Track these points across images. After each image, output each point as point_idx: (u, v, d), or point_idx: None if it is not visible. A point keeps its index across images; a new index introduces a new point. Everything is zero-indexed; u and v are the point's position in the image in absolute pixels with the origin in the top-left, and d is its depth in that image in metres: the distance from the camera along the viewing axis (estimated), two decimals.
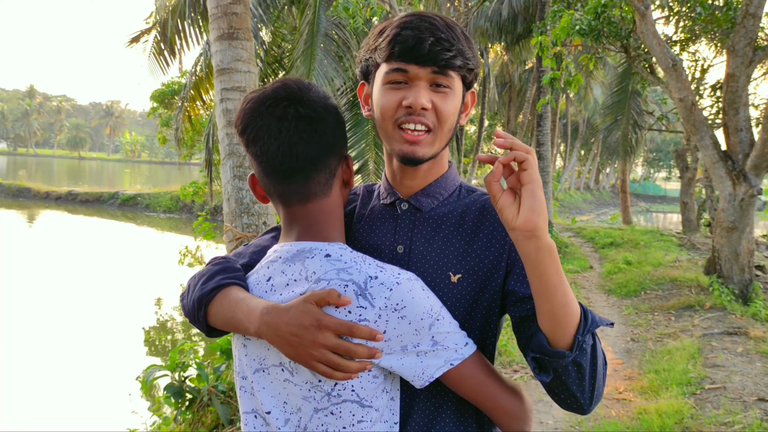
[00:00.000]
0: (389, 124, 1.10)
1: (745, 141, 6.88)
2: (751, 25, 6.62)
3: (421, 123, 1.07)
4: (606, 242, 13.50)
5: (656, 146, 44.15)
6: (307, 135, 1.07)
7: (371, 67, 1.14)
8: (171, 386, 3.77)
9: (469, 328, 1.11)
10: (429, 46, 1.04)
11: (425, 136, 1.09)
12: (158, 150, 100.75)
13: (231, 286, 1.11)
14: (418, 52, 1.04)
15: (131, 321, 9.28)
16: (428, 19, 1.07)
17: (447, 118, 1.10)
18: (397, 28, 1.07)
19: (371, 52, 1.13)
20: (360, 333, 0.97)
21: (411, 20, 1.07)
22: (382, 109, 1.10)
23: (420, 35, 1.04)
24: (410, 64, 1.06)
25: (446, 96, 1.09)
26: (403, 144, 1.09)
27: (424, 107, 1.06)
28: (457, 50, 1.07)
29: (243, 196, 3.83)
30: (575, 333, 0.98)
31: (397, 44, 1.06)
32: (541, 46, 7.77)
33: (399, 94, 1.08)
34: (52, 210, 24.99)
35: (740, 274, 7.12)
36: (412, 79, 1.07)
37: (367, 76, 1.17)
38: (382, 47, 1.08)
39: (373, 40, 1.13)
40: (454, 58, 1.06)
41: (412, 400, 1.11)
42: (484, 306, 1.13)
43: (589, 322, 1.00)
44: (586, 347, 0.99)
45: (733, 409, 4.11)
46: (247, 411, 1.13)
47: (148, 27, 11.03)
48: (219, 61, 3.89)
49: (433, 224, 1.17)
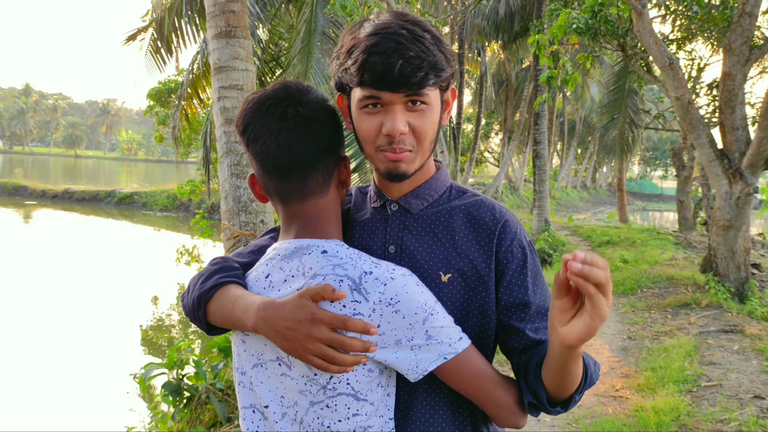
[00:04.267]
0: (371, 149, 1.11)
1: (742, 139, 6.90)
2: (747, 24, 6.63)
3: (400, 149, 1.08)
4: (603, 240, 13.52)
5: (653, 144, 44.22)
6: (306, 135, 1.10)
7: (345, 84, 1.12)
8: (169, 384, 3.78)
9: (464, 326, 1.13)
10: (399, 70, 1.01)
11: (406, 154, 1.10)
12: (155, 148, 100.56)
13: (229, 284, 1.14)
14: (388, 79, 1.02)
15: (128, 319, 9.26)
16: (394, 37, 1.03)
17: (426, 134, 1.10)
18: (364, 54, 1.03)
19: (342, 72, 1.10)
20: (354, 327, 1.00)
21: (377, 41, 1.03)
22: (362, 135, 1.11)
23: (388, 60, 1.01)
24: (382, 91, 1.04)
25: (423, 113, 1.08)
26: (387, 163, 1.10)
27: (402, 132, 1.06)
28: (429, 66, 1.04)
29: (240, 194, 3.83)
30: (573, 392, 1.07)
31: (366, 72, 1.03)
32: (538, 45, 7.79)
33: (376, 119, 1.08)
34: (48, 208, 24.93)
35: (736, 272, 7.14)
36: (387, 104, 1.06)
37: (343, 89, 1.15)
38: (353, 72, 1.06)
39: (343, 57, 1.09)
40: (425, 78, 1.04)
41: (411, 397, 1.13)
42: (477, 308, 1.15)
43: (588, 382, 1.08)
44: (577, 400, 1.09)
45: (730, 406, 4.12)
46: (246, 406, 1.15)
47: (145, 25, 11.02)
48: (216, 59, 3.89)
49: (423, 225, 1.19)
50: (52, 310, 9.39)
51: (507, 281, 1.15)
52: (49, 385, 6.56)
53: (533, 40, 7.84)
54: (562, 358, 0.99)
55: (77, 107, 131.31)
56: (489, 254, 1.15)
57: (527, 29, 14.20)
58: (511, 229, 1.18)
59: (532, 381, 1.08)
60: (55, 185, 30.87)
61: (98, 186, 31.79)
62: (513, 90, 26.37)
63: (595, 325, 0.89)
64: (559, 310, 0.95)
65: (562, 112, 34.34)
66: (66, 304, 9.76)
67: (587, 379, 1.07)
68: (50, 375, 6.82)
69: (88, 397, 6.36)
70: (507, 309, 1.14)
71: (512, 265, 1.15)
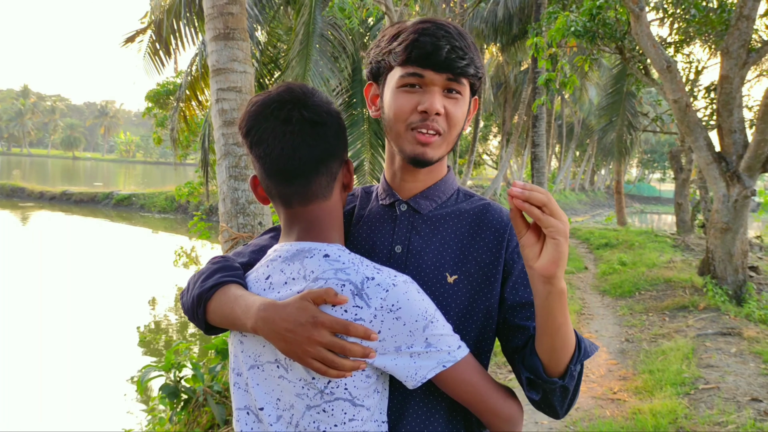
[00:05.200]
0: (402, 127, 1.13)
1: (739, 142, 6.92)
2: (745, 27, 6.65)
3: (433, 128, 1.11)
4: (601, 243, 13.54)
5: (651, 147, 44.27)
6: (310, 138, 1.09)
7: (383, 69, 1.17)
8: (166, 386, 3.77)
9: (465, 330, 1.14)
10: (446, 54, 1.08)
11: (436, 138, 1.12)
12: (153, 150, 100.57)
13: (230, 283, 1.13)
14: (435, 58, 1.08)
15: (126, 321, 9.25)
16: (443, 26, 1.10)
17: (457, 123, 1.14)
18: (414, 34, 1.10)
19: (385, 54, 1.15)
20: (355, 332, 1.00)
21: (428, 27, 1.10)
22: (396, 111, 1.13)
23: (437, 42, 1.08)
24: (426, 69, 1.09)
25: (457, 102, 1.13)
26: (415, 145, 1.12)
27: (438, 112, 1.10)
28: (470, 59, 1.11)
29: (239, 197, 3.83)
30: (569, 363, 1.06)
31: (415, 49, 1.09)
32: (536, 48, 7.80)
33: (414, 98, 1.11)
34: (46, 210, 24.91)
35: (734, 275, 7.15)
36: (427, 84, 1.10)
37: (378, 77, 1.20)
38: (398, 51, 1.11)
39: (386, 42, 1.15)
40: (467, 66, 1.10)
41: (405, 402, 1.13)
42: (481, 310, 1.16)
43: (582, 353, 1.08)
44: (575, 374, 1.07)
45: (727, 409, 4.13)
46: (240, 407, 1.15)
47: (144, 27, 11.02)
48: (215, 61, 3.89)
49: (431, 225, 1.20)
50: (50, 312, 9.37)
51: (513, 281, 1.17)
52: (46, 386, 6.55)
53: (531, 42, 7.86)
54: (549, 303, 0.99)
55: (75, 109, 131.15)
56: (497, 255, 1.17)
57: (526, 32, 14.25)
58: None
59: (528, 356, 1.09)
60: (53, 187, 30.84)
61: (96, 188, 31.74)
62: (511, 92, 26.39)
63: (559, 244, 0.93)
64: (527, 247, 0.98)
65: (561, 115, 34.39)
66: (64, 306, 9.74)
67: (581, 349, 1.07)
68: (48, 377, 6.80)
69: (86, 399, 6.35)
70: (513, 308, 1.15)
71: (518, 265, 1.17)
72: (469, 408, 1.11)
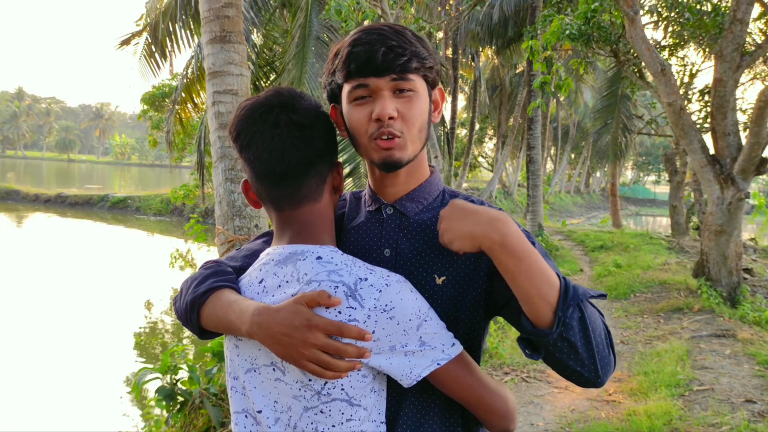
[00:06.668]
0: (365, 139, 1.13)
1: (733, 145, 6.95)
2: (738, 31, 6.69)
3: (390, 134, 1.10)
4: (596, 245, 13.57)
5: (646, 150, 44.41)
6: (298, 141, 1.10)
7: (335, 89, 1.17)
8: (162, 389, 3.76)
9: (455, 328, 1.13)
10: (382, 56, 1.07)
11: (397, 140, 1.11)
12: (148, 153, 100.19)
13: (223, 288, 1.14)
14: (372, 64, 1.08)
15: (122, 324, 9.23)
16: (376, 30, 1.10)
17: (414, 121, 1.12)
18: (349, 47, 1.11)
19: (331, 75, 1.16)
20: (349, 333, 1.00)
21: (360, 36, 1.10)
22: (354, 125, 1.13)
23: (371, 48, 1.08)
24: (368, 77, 1.09)
25: (410, 100, 1.12)
26: (380, 152, 1.12)
27: (391, 116, 1.09)
28: (411, 53, 1.10)
29: (235, 199, 3.83)
30: (555, 310, 0.99)
31: (352, 62, 1.09)
32: (531, 50, 7.83)
33: (366, 108, 1.11)
34: (41, 212, 24.82)
35: (728, 277, 7.18)
36: (375, 91, 1.10)
37: (334, 99, 1.20)
38: (340, 68, 1.12)
39: (330, 63, 1.16)
40: (408, 62, 1.09)
41: (400, 400, 1.13)
42: (467, 307, 1.16)
43: (570, 296, 0.99)
44: (570, 322, 0.99)
45: (721, 410, 4.15)
46: (238, 411, 1.15)
47: (139, 29, 11.01)
48: (211, 64, 3.89)
49: (417, 228, 1.19)
50: (44, 315, 9.35)
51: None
52: (42, 390, 6.53)
53: (527, 45, 7.88)
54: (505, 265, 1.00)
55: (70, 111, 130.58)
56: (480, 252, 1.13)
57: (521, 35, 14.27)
58: None
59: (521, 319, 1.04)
60: (48, 189, 30.74)
61: (91, 190, 31.64)
62: (507, 95, 26.46)
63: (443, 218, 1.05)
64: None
65: (556, 117, 34.49)
66: (59, 309, 9.72)
67: (567, 293, 0.99)
68: (43, 380, 6.78)
69: (82, 401, 6.33)
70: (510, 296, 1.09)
71: None
72: (464, 405, 1.12)
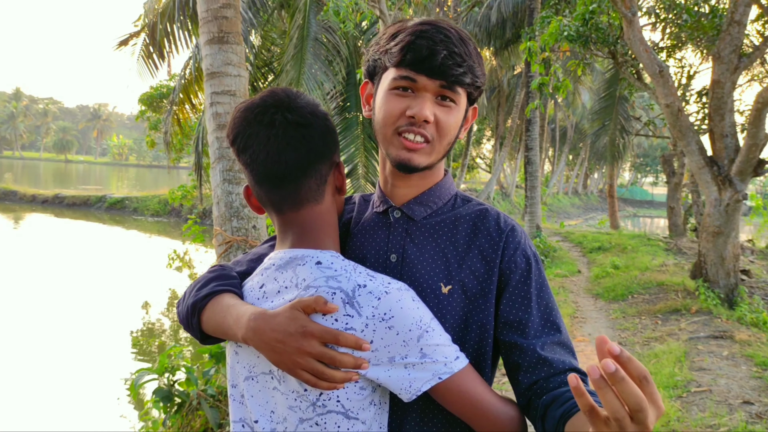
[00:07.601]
0: (389, 130, 1.09)
1: (731, 146, 6.96)
2: (736, 32, 6.71)
3: (421, 135, 1.06)
4: (594, 246, 13.58)
5: (643, 151, 44.47)
6: (295, 141, 1.07)
7: (379, 68, 1.13)
8: (160, 390, 3.75)
9: (463, 343, 1.08)
10: (441, 59, 1.03)
11: (424, 146, 1.08)
12: (146, 153, 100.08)
13: (224, 293, 1.11)
14: (429, 63, 1.03)
15: (119, 325, 9.21)
16: (444, 30, 1.05)
17: (447, 132, 1.09)
18: (411, 36, 1.05)
19: (381, 53, 1.11)
20: (346, 342, 0.96)
21: (426, 29, 1.05)
22: (384, 114, 1.09)
23: (434, 47, 1.03)
24: (420, 74, 1.04)
25: (450, 110, 1.08)
26: (400, 150, 1.08)
27: (427, 120, 1.05)
28: (468, 67, 1.05)
29: (233, 200, 3.83)
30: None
31: (410, 52, 1.04)
32: (529, 52, 7.85)
33: (404, 102, 1.07)
34: (38, 213, 24.77)
35: (726, 279, 7.19)
36: (419, 89, 1.06)
37: (373, 76, 1.16)
38: (394, 52, 1.06)
39: (384, 41, 1.10)
40: (464, 75, 1.05)
41: (404, 415, 1.09)
42: (477, 323, 1.10)
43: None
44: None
45: (719, 411, 4.15)
46: (236, 420, 1.12)
47: (137, 30, 11.01)
48: (209, 65, 3.89)
49: (425, 233, 1.15)
50: (42, 315, 9.32)
51: (510, 292, 1.09)
52: (39, 390, 6.51)
53: (525, 47, 7.90)
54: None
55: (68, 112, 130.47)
56: (492, 265, 1.11)
57: (519, 36, 14.29)
58: (516, 238, 1.13)
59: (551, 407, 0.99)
60: (46, 190, 30.67)
61: (89, 191, 31.60)
62: (505, 96, 26.48)
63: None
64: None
65: (554, 119, 34.52)
66: (56, 310, 9.69)
67: None
68: (40, 380, 6.76)
69: (79, 402, 6.31)
70: (509, 324, 1.08)
71: (515, 275, 1.10)
72: (468, 422, 1.05)
